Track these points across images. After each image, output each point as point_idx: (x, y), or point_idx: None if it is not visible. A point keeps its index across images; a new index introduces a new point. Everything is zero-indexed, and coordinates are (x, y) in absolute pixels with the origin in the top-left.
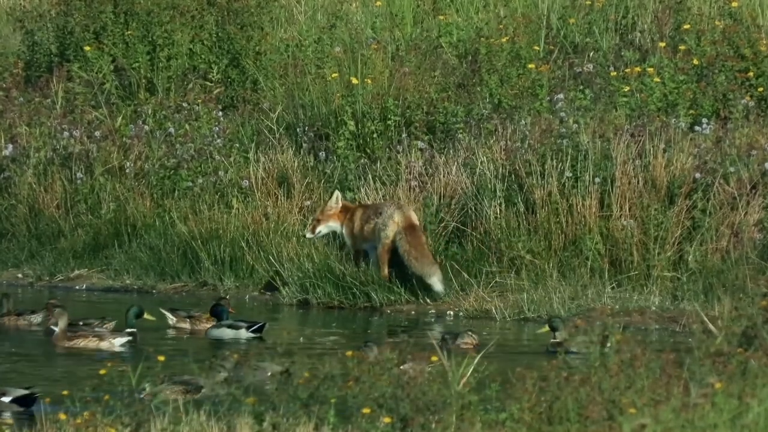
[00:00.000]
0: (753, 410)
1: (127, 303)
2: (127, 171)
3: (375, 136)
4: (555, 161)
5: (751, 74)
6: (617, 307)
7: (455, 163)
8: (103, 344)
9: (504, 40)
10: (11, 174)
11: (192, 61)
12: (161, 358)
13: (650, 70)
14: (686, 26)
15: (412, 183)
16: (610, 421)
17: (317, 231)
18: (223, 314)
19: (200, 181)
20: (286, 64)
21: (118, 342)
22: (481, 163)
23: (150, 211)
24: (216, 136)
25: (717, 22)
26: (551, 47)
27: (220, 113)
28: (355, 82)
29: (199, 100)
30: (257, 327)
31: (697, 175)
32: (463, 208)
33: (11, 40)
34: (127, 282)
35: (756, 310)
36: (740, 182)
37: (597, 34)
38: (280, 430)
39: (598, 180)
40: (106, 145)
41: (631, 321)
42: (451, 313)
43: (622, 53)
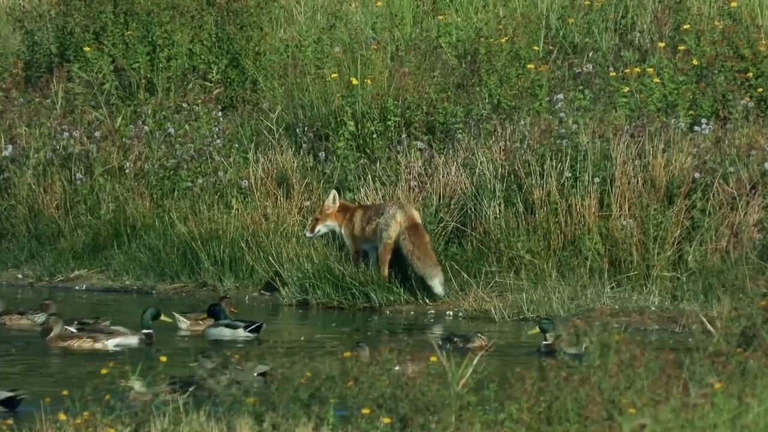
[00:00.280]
0: (753, 410)
1: (127, 303)
2: (127, 171)
3: (375, 136)
4: (554, 161)
5: (750, 74)
6: (616, 307)
7: (455, 163)
8: (97, 345)
9: (503, 41)
10: (11, 174)
11: (192, 61)
12: (163, 359)
13: (650, 71)
14: (686, 26)
15: (412, 183)
16: (610, 421)
17: (316, 230)
18: (220, 314)
19: (200, 181)
20: (286, 64)
21: (111, 343)
22: (481, 163)
23: (150, 212)
24: (216, 137)
25: (716, 23)
26: (550, 47)
27: (220, 113)
28: (355, 82)
29: (199, 101)
30: (255, 327)
31: (697, 175)
32: (462, 209)
33: (11, 40)
34: (127, 282)
35: (755, 310)
36: (740, 182)
37: (596, 34)
38: (280, 431)
39: (597, 180)
40: (105, 146)
41: (630, 321)
42: (450, 313)
43: (622, 53)
